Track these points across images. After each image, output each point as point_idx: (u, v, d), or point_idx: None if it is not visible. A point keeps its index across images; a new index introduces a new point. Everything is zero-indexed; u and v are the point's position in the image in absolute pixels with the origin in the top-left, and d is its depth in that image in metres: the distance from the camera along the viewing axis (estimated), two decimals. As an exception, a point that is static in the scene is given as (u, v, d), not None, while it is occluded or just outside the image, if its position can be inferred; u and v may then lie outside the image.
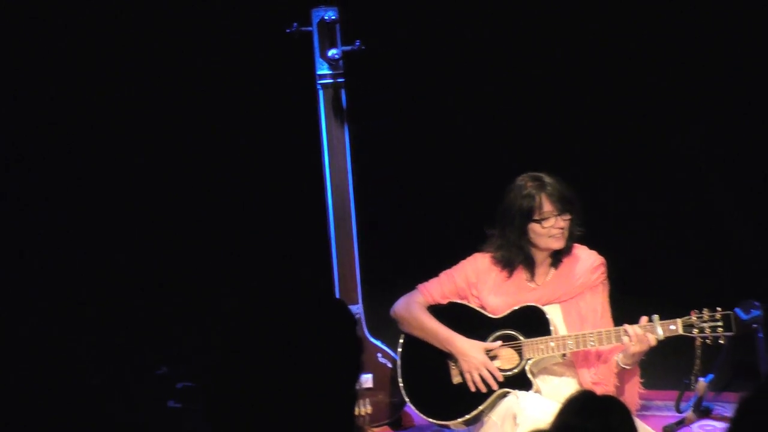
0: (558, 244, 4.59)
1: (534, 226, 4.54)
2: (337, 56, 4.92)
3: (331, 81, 4.98)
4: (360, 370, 2.01)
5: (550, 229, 4.53)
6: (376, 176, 5.66)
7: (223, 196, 5.80)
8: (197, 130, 5.76)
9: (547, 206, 4.51)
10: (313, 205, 5.27)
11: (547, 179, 4.57)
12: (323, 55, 4.95)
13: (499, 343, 4.60)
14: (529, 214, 4.53)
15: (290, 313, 1.94)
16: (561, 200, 4.51)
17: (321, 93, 5.00)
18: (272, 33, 5.13)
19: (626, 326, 4.41)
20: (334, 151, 5.01)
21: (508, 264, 4.67)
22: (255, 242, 5.78)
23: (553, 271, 4.69)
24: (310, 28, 4.96)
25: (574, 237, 4.65)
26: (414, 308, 4.73)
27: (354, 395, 1.98)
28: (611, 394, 4.41)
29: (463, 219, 5.54)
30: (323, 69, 4.98)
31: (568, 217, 4.55)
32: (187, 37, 5.63)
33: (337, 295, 5.05)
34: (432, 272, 4.81)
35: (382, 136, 5.73)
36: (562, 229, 4.55)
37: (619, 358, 4.46)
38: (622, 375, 4.53)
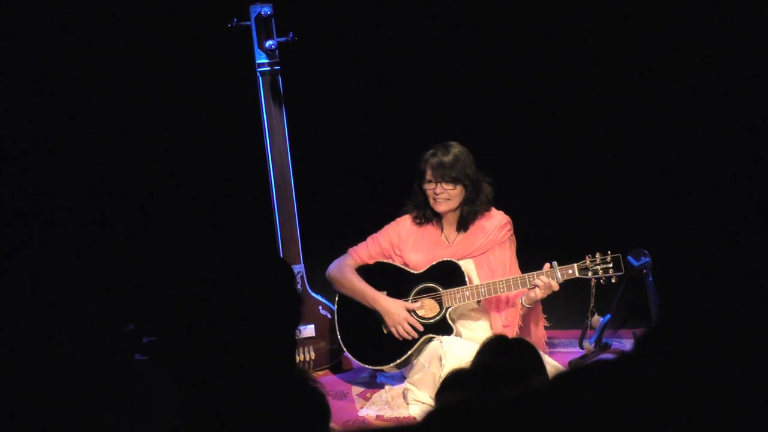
0: (439, 208, 4.86)
1: (422, 187, 4.88)
2: (273, 47, 5.08)
3: (269, 69, 5.12)
4: (298, 318, 2.08)
5: (430, 192, 4.83)
6: (313, 151, 5.83)
7: (179, 172, 5.95)
8: (158, 113, 5.89)
9: (429, 173, 4.81)
10: (257, 179, 5.43)
11: (442, 152, 4.79)
12: (261, 46, 5.09)
13: (419, 303, 4.90)
14: (419, 176, 4.88)
15: (239, 272, 2.01)
16: (442, 173, 4.76)
17: (260, 80, 5.13)
18: (216, 28, 5.23)
19: (533, 273, 4.70)
20: (274, 130, 5.16)
21: (417, 215, 4.94)
22: (210, 213, 5.93)
23: (462, 232, 4.96)
24: (248, 23, 5.10)
25: (482, 204, 4.88)
26: (345, 270, 5.00)
27: (294, 341, 2.06)
28: (518, 333, 4.77)
29: (386, 190, 5.70)
30: (262, 58, 5.13)
31: (450, 187, 4.80)
32: (143, 35, 5.76)
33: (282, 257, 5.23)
34: (362, 235, 5.09)
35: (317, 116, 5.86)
36: (438, 195, 4.81)
37: (523, 299, 4.78)
38: (527, 316, 4.85)
